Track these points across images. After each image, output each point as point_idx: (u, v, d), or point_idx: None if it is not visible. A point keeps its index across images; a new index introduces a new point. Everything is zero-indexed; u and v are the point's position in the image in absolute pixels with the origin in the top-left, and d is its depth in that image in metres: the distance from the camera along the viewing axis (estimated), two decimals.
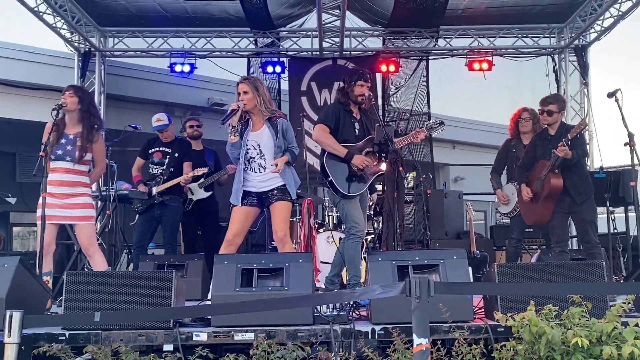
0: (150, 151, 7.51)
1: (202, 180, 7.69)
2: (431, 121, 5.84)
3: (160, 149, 7.49)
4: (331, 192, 5.71)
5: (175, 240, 7.61)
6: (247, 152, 5.46)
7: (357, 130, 5.72)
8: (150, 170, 7.42)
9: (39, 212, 5.34)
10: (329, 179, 5.58)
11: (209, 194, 7.90)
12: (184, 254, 7.80)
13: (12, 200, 6.79)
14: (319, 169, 5.82)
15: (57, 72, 10.20)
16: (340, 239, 7.23)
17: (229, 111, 5.40)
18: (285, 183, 5.40)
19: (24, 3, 8.41)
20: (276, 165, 5.32)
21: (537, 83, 10.63)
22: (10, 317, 3.08)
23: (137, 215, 7.43)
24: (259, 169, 5.42)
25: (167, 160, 7.40)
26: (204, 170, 7.42)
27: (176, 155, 7.43)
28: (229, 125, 5.37)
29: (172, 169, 7.33)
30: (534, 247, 8.59)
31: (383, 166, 5.61)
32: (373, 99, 5.84)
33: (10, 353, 3.07)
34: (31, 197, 5.52)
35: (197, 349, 3.73)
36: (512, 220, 7.18)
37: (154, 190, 7.20)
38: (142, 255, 7.06)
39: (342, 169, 5.59)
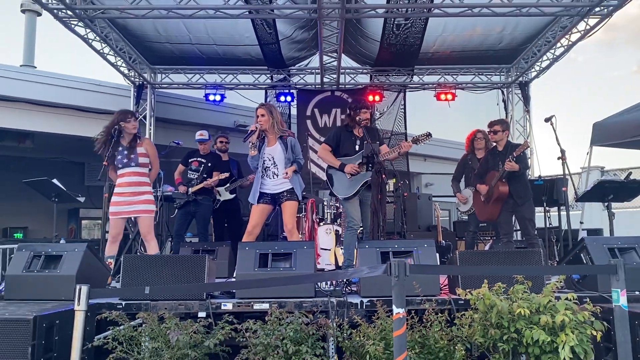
0: (189, 160, 7.56)
1: (228, 185, 7.71)
2: (418, 134, 5.80)
3: (198, 159, 7.54)
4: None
5: (206, 231, 7.61)
6: (264, 163, 5.48)
7: (357, 147, 5.72)
8: (188, 175, 7.49)
9: (111, 209, 5.40)
10: (328, 186, 5.77)
11: (233, 195, 7.92)
12: (215, 241, 7.80)
13: (81, 199, 6.76)
14: (325, 179, 5.93)
15: (118, 100, 10.20)
16: (336, 230, 7.24)
17: (249, 131, 5.42)
18: (293, 187, 5.42)
19: (92, 47, 8.43)
20: (287, 173, 5.36)
21: (490, 110, 10.61)
22: (80, 290, 3.08)
23: (176, 210, 7.47)
24: (273, 175, 5.44)
25: (201, 168, 7.43)
26: (226, 175, 7.44)
27: (209, 165, 7.46)
28: (250, 142, 5.39)
29: (204, 175, 7.36)
30: (487, 238, 8.56)
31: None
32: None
33: (79, 318, 3.07)
34: (96, 196, 5.53)
35: (225, 316, 3.73)
36: (469, 217, 7.21)
37: (190, 190, 7.26)
38: (181, 242, 7.09)
39: (339, 178, 5.65)
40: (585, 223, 8.71)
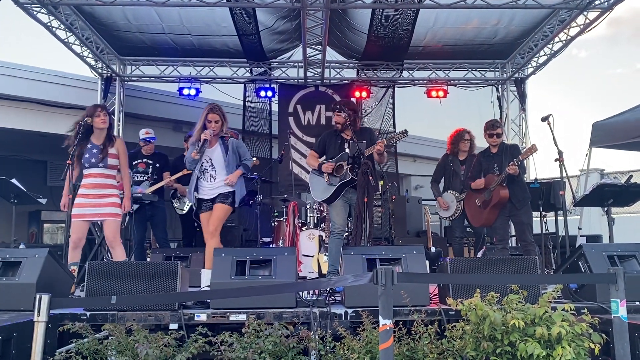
0: (133, 162, 7.40)
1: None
2: (393, 132, 5.92)
3: (143, 160, 7.59)
4: None
5: (166, 235, 7.69)
6: (202, 165, 5.55)
7: (343, 149, 5.80)
8: (136, 178, 7.37)
9: (74, 211, 5.32)
10: (311, 192, 6.01)
11: None
12: (184, 247, 7.78)
13: (43, 200, 6.68)
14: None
15: (84, 93, 10.12)
16: (319, 236, 7.24)
17: (202, 141, 5.43)
18: (235, 191, 5.49)
19: (56, 36, 8.35)
20: (227, 179, 5.45)
21: (484, 108, 10.69)
22: (40, 299, 3.04)
23: (128, 217, 7.24)
24: (210, 179, 5.54)
25: (150, 170, 7.53)
26: (186, 171, 7.32)
27: (157, 165, 7.57)
28: (198, 146, 5.42)
29: (155, 177, 7.48)
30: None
31: None
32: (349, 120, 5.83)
33: (40, 330, 3.03)
34: (59, 198, 5.44)
35: (198, 328, 3.71)
36: (453, 222, 7.22)
37: (146, 191, 7.29)
38: (143, 250, 7.17)
39: (318, 180, 5.86)
40: (584, 229, 8.80)
